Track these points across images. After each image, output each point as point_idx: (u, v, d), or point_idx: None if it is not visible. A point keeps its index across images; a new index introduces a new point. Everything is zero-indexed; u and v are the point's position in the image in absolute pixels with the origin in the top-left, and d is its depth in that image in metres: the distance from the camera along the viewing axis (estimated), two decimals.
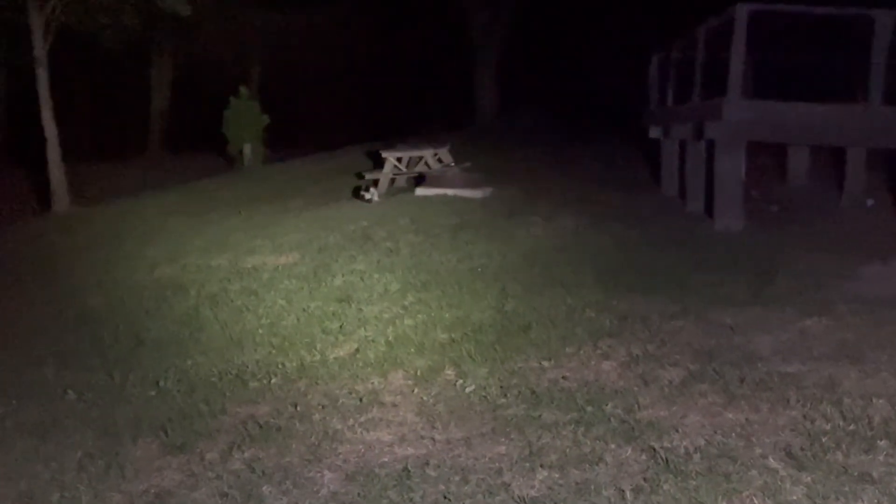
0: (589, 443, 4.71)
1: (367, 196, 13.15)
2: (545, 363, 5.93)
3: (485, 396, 5.51)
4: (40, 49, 16.35)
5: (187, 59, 28.44)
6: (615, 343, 6.17)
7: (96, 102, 31.44)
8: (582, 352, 6.07)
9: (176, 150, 27.25)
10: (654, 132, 13.52)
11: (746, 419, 4.82)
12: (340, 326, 7.23)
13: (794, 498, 4.02)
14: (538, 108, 23.59)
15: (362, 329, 7.10)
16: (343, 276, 8.70)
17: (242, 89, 21.57)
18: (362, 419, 5.34)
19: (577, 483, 4.31)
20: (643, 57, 14.68)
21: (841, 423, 4.66)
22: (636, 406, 5.11)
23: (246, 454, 5.00)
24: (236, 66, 27.87)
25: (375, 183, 13.99)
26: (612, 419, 4.96)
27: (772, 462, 4.33)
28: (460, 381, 5.81)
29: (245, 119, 21.03)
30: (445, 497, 4.31)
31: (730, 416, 4.89)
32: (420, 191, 13.04)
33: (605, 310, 6.93)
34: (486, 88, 25.44)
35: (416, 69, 30.32)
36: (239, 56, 28.26)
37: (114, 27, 19.82)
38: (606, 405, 5.15)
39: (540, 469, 4.49)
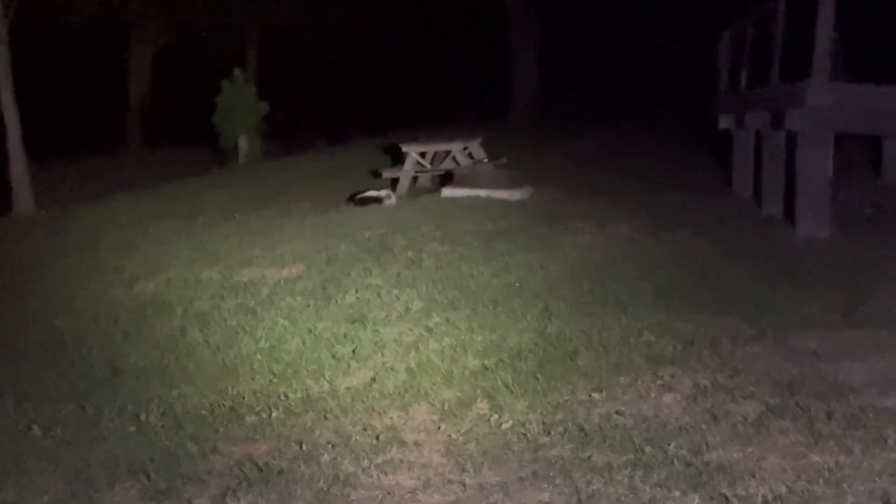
0: (648, 490, 4.70)
1: (380, 197, 13.13)
2: (595, 395, 5.92)
3: (524, 434, 5.50)
4: (1, 24, 16.50)
5: (172, 37, 28.60)
6: (679, 372, 6.15)
7: (66, 89, 31.61)
8: (639, 382, 6.05)
9: (159, 144, 27.37)
10: (725, 122, 13.49)
11: (836, 462, 4.78)
12: (353, 351, 7.23)
13: None
14: (585, 93, 23.61)
15: (379, 354, 7.10)
16: (356, 291, 8.72)
17: (237, 72, 21.67)
18: (379, 460, 5.34)
19: None
20: (711, 32, 14.66)
21: None
22: (704, 446, 5.09)
23: (242, 502, 5.01)
24: (230, 44, 28.00)
25: (395, 183, 14.02)
26: (675, 462, 4.94)
27: None
28: (495, 415, 5.79)
29: (240, 107, 21.14)
30: None
31: (816, 458, 4.86)
32: (447, 191, 13.08)
33: (667, 332, 6.91)
34: (524, 70, 25.50)
35: (442, 48, 30.32)
36: (233, 33, 28.38)
37: (82, 2, 19.96)
38: (669, 445, 5.12)
39: None
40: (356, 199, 13.45)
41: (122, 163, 24.42)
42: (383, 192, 13.37)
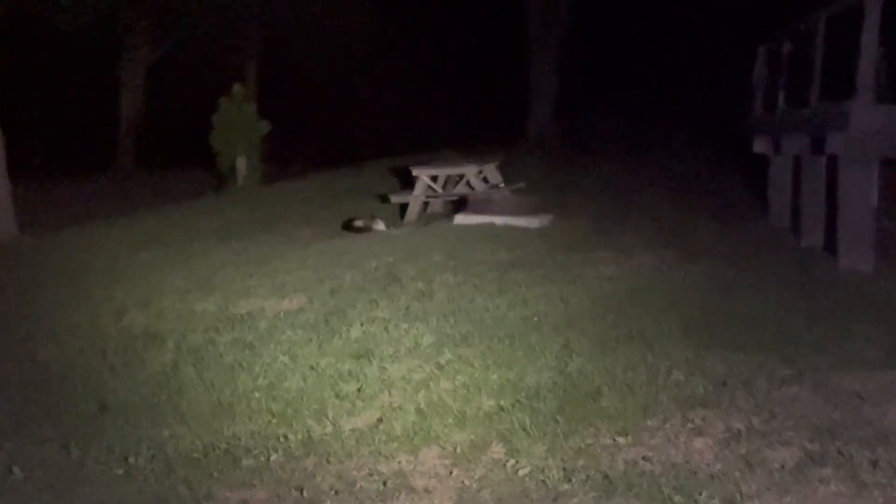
0: None
1: (371, 226, 13.17)
2: (620, 440, 5.89)
3: (543, 481, 5.48)
4: None
5: (166, 49, 28.72)
6: (710, 415, 6.12)
7: (52, 104, 31.72)
8: (668, 425, 6.02)
9: (151, 164, 27.46)
10: (760, 145, 13.48)
11: None
12: (358, 390, 7.22)
13: None
14: (609, 113, 23.63)
15: (386, 393, 7.09)
16: (362, 325, 8.70)
17: (236, 88, 21.71)
18: None
19: None
20: (745, 49, 14.67)
21: None
22: (738, 496, 5.06)
23: None
24: (229, 58, 28.12)
25: (404, 208, 14.03)
26: None
27: None
28: (511, 460, 5.78)
29: (239, 126, 21.15)
30: None
31: None
32: (460, 218, 13.08)
33: (697, 371, 6.88)
34: (543, 90, 25.56)
35: (456, 64, 30.41)
36: (232, 46, 28.51)
37: (75, 8, 20.04)
38: (700, 494, 5.10)
39: None
40: (351, 227, 13.50)
41: (111, 184, 24.50)
42: (375, 222, 13.40)
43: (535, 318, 8.56)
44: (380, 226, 13.38)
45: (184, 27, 26.88)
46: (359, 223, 13.48)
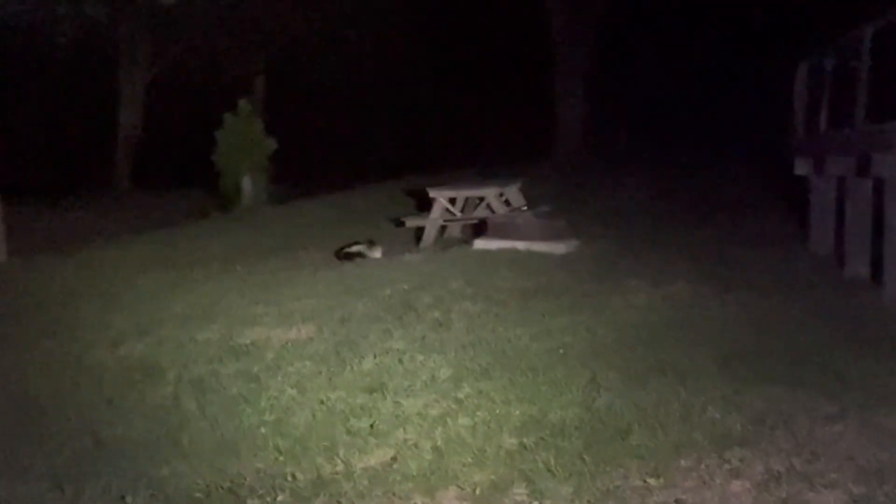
0: None
1: (367, 253, 13.20)
2: (651, 481, 5.87)
3: None
4: None
5: (168, 64, 28.82)
6: (748, 455, 6.09)
7: (47, 121, 31.87)
8: (703, 466, 6.00)
9: (151, 184, 27.52)
10: (801, 167, 13.46)
11: None
12: (371, 426, 7.21)
13: None
14: (639, 132, 23.68)
15: (401, 430, 7.07)
16: (375, 356, 8.71)
17: (242, 104, 21.81)
18: None
19: None
20: (785, 65, 14.67)
21: None
22: None
23: None
24: (234, 72, 28.21)
25: (420, 233, 14.03)
26: None
27: None
28: (534, 503, 5.76)
29: (244, 143, 21.27)
30: None
31: None
32: (480, 243, 13.09)
33: (734, 408, 6.85)
34: (569, 107, 25.57)
35: (477, 80, 30.41)
36: (238, 60, 28.60)
37: (73, 20, 20.13)
38: None
39: None
40: (342, 253, 13.52)
41: (108, 205, 24.58)
42: (372, 250, 13.42)
43: (560, 350, 8.55)
44: (376, 253, 13.38)
45: (186, 39, 26.96)
46: (353, 249, 13.48)
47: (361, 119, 32.18)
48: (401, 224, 14.93)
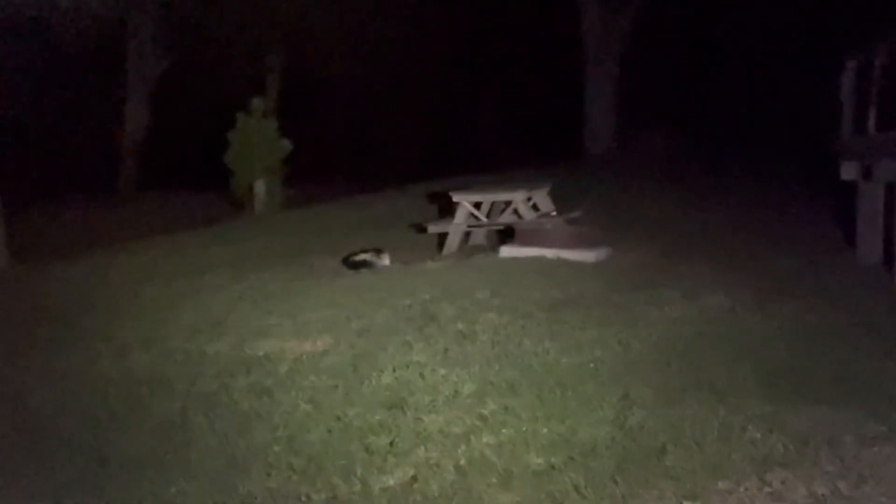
0: None
1: (374, 261, 13.20)
2: None
3: None
4: None
5: (177, 61, 28.88)
6: (790, 477, 6.07)
7: (48, 121, 31.89)
8: (742, 489, 5.98)
9: (158, 187, 27.55)
10: (848, 171, 13.41)
11: None
12: (391, 443, 7.22)
13: None
14: (675, 132, 23.62)
15: (422, 448, 7.08)
16: (395, 370, 8.71)
17: (255, 102, 21.83)
18: None
19: None
20: (830, 62, 14.63)
21: None
22: None
23: None
24: (247, 69, 28.25)
25: (442, 239, 14.01)
26: None
27: None
28: None
29: (258, 145, 21.29)
30: None
31: None
32: (507, 251, 13.08)
33: (776, 428, 6.83)
34: (600, 107, 25.55)
35: (504, 79, 30.40)
36: (251, 56, 28.63)
37: (77, 17, 20.20)
38: None
39: None
40: (349, 262, 13.52)
41: (114, 209, 24.65)
42: (380, 258, 13.43)
43: (591, 365, 8.54)
44: (384, 261, 13.38)
45: (197, 33, 27.01)
46: (360, 257, 13.48)
47: (382, 119, 32.11)
48: (423, 230, 14.91)
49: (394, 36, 28.94)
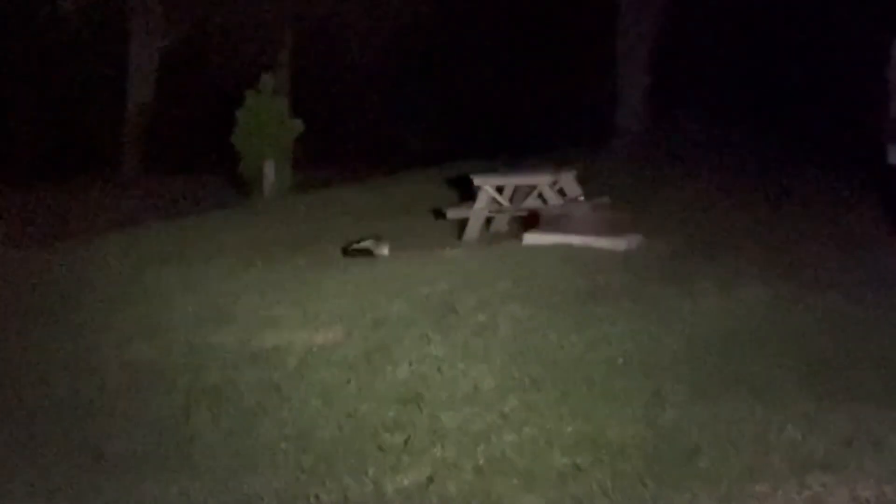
0: None
1: (374, 250, 13.21)
2: None
3: None
4: None
5: (184, 34, 28.90)
6: (832, 481, 6.04)
7: (48, 97, 31.93)
8: (780, 493, 5.95)
9: (162, 168, 27.59)
10: (895, 155, 13.37)
11: None
12: (405, 441, 7.20)
13: None
14: (711, 114, 23.54)
15: (439, 446, 7.06)
16: (411, 364, 8.71)
17: (265, 79, 21.80)
18: None
19: None
20: (875, 41, 14.56)
21: None
22: None
23: None
24: (256, 44, 28.25)
25: (463, 225, 14.00)
26: None
27: None
28: None
29: (267, 125, 21.27)
30: None
31: None
32: (531, 238, 13.07)
33: (817, 428, 6.81)
34: (632, 87, 25.46)
35: (528, 53, 30.32)
36: (261, 30, 28.63)
37: None
38: None
39: None
40: (349, 251, 13.51)
41: (115, 191, 24.70)
42: (379, 247, 13.42)
43: (620, 360, 8.52)
44: (384, 251, 13.36)
45: (204, 6, 27.04)
46: (359, 245, 13.47)
47: (400, 98, 32.00)
48: (442, 215, 14.89)
49: (414, 10, 28.88)
